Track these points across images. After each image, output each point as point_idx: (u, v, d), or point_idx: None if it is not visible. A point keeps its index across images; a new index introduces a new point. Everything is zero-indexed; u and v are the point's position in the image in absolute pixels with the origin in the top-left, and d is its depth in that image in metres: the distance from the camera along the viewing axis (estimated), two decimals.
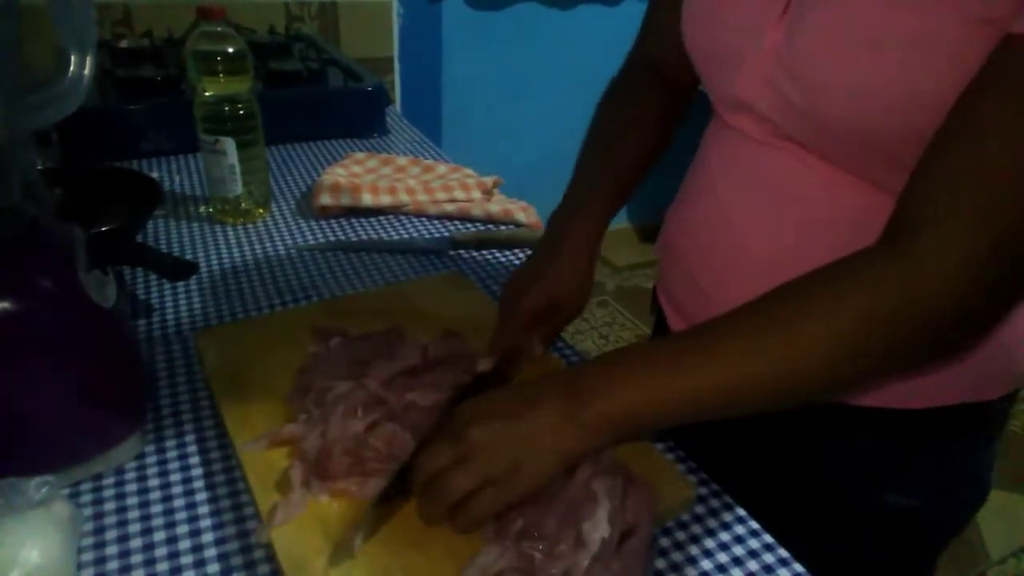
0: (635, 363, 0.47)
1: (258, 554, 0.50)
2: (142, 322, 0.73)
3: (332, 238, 0.92)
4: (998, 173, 0.38)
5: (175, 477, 0.55)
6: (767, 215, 0.56)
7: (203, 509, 0.53)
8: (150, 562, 0.49)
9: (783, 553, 0.52)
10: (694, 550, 0.52)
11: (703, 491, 0.57)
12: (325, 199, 0.95)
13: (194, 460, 0.57)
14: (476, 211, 0.98)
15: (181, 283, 0.79)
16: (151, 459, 0.57)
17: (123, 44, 1.26)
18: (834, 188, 0.52)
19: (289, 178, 1.08)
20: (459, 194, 1.00)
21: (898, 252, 0.42)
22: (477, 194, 1.01)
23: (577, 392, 0.47)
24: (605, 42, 2.27)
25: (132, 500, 0.53)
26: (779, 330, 0.43)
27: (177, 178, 1.06)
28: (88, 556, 0.49)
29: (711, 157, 0.62)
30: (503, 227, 0.97)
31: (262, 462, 0.54)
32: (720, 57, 0.55)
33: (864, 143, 0.47)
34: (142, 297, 0.77)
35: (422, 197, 0.98)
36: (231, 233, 0.92)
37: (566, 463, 0.48)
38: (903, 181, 0.46)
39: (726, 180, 0.59)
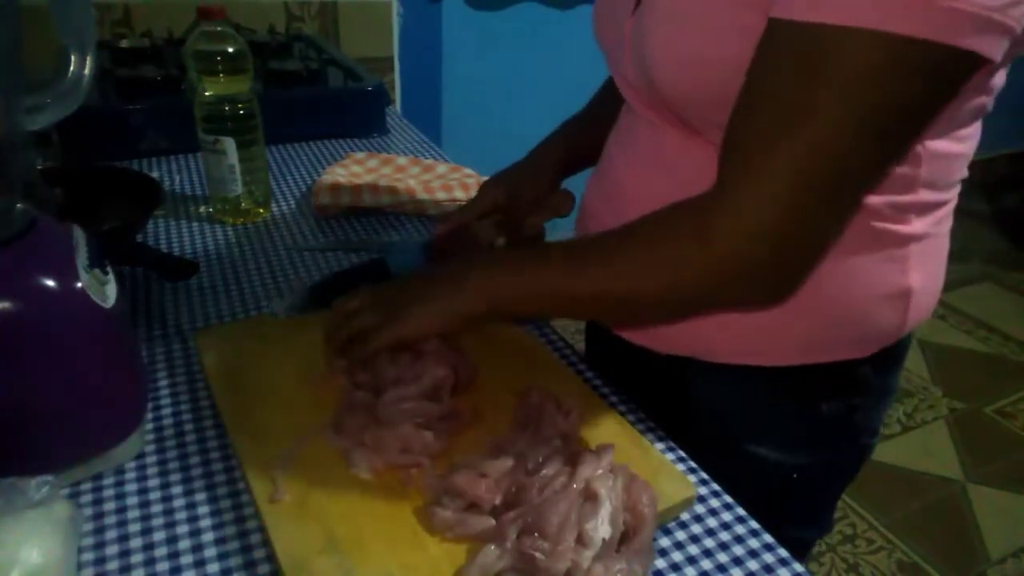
0: (510, 260, 0.60)
1: (258, 554, 0.50)
2: (142, 322, 0.73)
3: (332, 238, 0.92)
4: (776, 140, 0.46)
5: (175, 477, 0.55)
6: (651, 184, 0.63)
7: (203, 509, 0.53)
8: (150, 562, 0.49)
9: (783, 553, 0.52)
10: (694, 550, 0.52)
11: (703, 491, 0.57)
12: (325, 199, 0.95)
13: (194, 460, 0.57)
14: None
15: (181, 283, 0.79)
16: (151, 459, 0.57)
17: (123, 44, 1.26)
18: (701, 159, 0.57)
19: (289, 178, 1.08)
20: (459, 194, 1.00)
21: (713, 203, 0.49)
22: None
23: (463, 272, 0.58)
24: None
25: (132, 500, 0.53)
26: (610, 258, 0.53)
27: (177, 178, 1.05)
28: (88, 556, 0.49)
29: (615, 130, 0.72)
30: None
31: (262, 462, 0.54)
32: (608, 46, 0.66)
33: (697, 110, 0.55)
34: (142, 297, 0.77)
35: (422, 197, 0.98)
36: (231, 233, 0.92)
37: (450, 318, 0.58)
38: None
39: (619, 149, 0.69)
